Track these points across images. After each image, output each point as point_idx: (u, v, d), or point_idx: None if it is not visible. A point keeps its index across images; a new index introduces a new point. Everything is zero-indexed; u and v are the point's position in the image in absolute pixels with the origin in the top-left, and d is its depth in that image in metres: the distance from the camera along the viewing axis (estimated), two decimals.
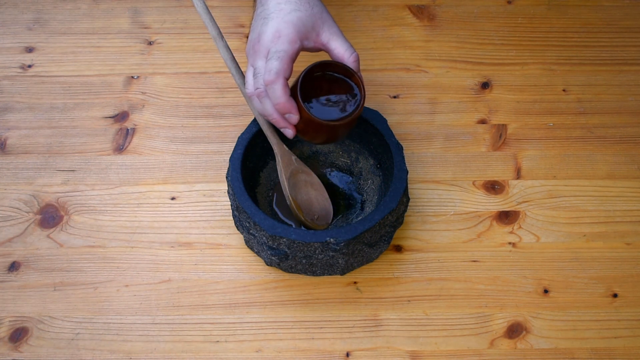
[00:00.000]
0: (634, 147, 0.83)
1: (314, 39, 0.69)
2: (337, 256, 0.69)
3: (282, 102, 0.66)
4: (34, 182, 0.81)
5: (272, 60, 0.66)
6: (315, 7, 0.70)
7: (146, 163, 0.82)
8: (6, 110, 0.86)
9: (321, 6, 0.71)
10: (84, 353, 0.70)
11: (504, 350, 0.70)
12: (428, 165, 0.82)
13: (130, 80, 0.88)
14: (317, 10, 0.70)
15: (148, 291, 0.74)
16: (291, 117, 0.68)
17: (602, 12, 0.94)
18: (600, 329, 0.72)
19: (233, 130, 0.84)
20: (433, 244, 0.76)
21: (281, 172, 0.74)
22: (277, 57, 0.66)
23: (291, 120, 0.68)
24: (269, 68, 0.66)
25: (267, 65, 0.66)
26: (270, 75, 0.66)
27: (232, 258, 0.76)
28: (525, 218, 0.78)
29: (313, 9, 0.69)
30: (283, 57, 0.66)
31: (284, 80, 0.66)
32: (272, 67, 0.66)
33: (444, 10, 0.95)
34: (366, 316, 0.72)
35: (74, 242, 0.77)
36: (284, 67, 0.66)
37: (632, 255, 0.76)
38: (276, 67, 0.66)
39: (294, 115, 0.67)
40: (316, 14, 0.69)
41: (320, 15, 0.70)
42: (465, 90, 0.88)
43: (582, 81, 0.88)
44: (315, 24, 0.69)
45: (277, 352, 0.70)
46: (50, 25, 0.93)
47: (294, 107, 0.67)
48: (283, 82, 0.66)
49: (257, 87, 0.68)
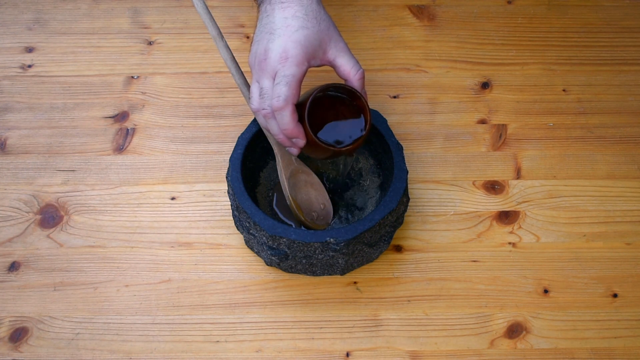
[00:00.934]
0: (634, 147, 0.83)
1: (321, 56, 0.68)
2: (337, 256, 0.69)
3: (291, 128, 0.66)
4: (34, 182, 0.81)
5: (280, 85, 0.65)
6: (323, 22, 0.68)
7: (146, 163, 0.82)
8: (6, 110, 0.86)
9: (328, 21, 0.70)
10: (84, 353, 0.70)
11: (504, 350, 0.70)
12: (428, 165, 0.82)
13: (130, 80, 0.88)
14: (324, 26, 0.68)
15: (148, 291, 0.74)
16: (298, 142, 0.67)
17: (602, 12, 0.94)
18: (600, 329, 0.72)
19: (233, 130, 0.84)
20: (433, 244, 0.76)
21: (281, 172, 0.74)
22: (285, 82, 0.65)
23: (298, 144, 0.68)
24: (278, 94, 0.65)
25: (275, 90, 0.65)
26: (279, 102, 0.65)
27: (232, 258, 0.76)
28: (525, 218, 0.78)
29: (320, 25, 0.68)
30: (291, 82, 0.65)
31: (293, 107, 0.65)
32: (280, 93, 0.65)
33: (444, 10, 0.95)
34: (366, 316, 0.72)
35: (74, 242, 0.77)
36: (293, 92, 0.65)
37: (632, 255, 0.76)
38: (285, 94, 0.64)
39: (301, 140, 0.67)
40: (323, 30, 0.68)
41: (327, 31, 0.69)
42: (465, 90, 0.88)
43: (582, 81, 0.88)
44: (323, 41, 0.68)
45: (277, 352, 0.70)
46: (50, 25, 0.93)
47: (301, 133, 0.66)
48: (292, 108, 0.65)
49: (264, 107, 0.67)
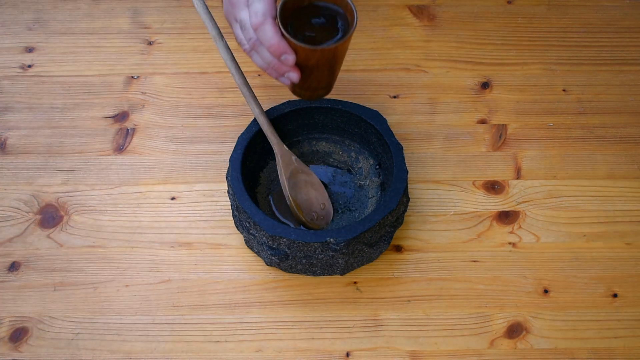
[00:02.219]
0: (634, 147, 0.83)
1: None
2: (337, 256, 0.69)
3: (275, 42, 0.63)
4: (34, 182, 0.81)
5: (254, 3, 0.63)
6: None
7: (146, 163, 0.82)
8: (6, 110, 0.86)
9: None
10: (84, 353, 0.70)
11: (504, 350, 0.70)
12: (428, 165, 0.82)
13: (130, 80, 0.88)
14: None
15: (148, 291, 0.74)
16: (288, 59, 0.64)
17: (602, 12, 0.94)
18: (600, 329, 0.72)
19: (233, 130, 0.84)
20: (433, 244, 0.76)
21: (281, 172, 0.74)
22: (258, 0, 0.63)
23: (288, 61, 0.64)
24: (254, 11, 0.63)
25: (250, 10, 0.63)
26: (257, 18, 0.62)
27: (232, 258, 0.76)
28: (525, 218, 0.78)
29: None
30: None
31: (272, 19, 0.63)
32: (256, 9, 0.63)
33: (444, 10, 0.95)
34: (366, 316, 0.72)
35: (74, 242, 0.77)
36: (269, 6, 0.63)
37: (632, 255, 0.76)
38: (262, 9, 0.62)
39: (290, 56, 0.64)
40: None
41: None
42: (465, 90, 0.88)
43: (582, 81, 0.88)
44: None
45: (277, 352, 0.70)
46: (50, 25, 0.93)
47: (288, 47, 0.63)
48: (271, 21, 0.63)
49: (249, 37, 0.65)
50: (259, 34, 0.64)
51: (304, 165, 0.76)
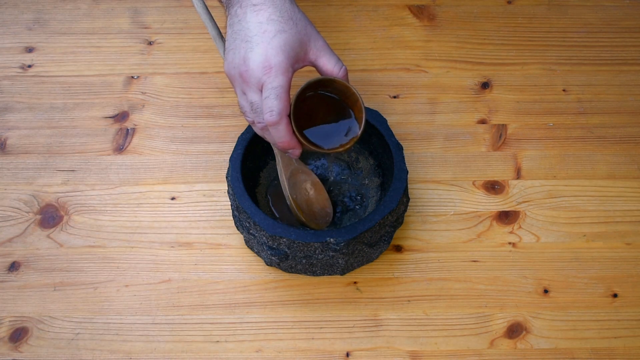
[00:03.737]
0: (634, 147, 0.83)
1: (303, 58, 0.66)
2: (337, 256, 0.69)
3: (287, 140, 0.64)
4: (34, 182, 0.81)
5: (270, 99, 0.62)
6: (299, 22, 0.65)
7: (146, 163, 0.82)
8: (6, 110, 0.86)
9: (305, 20, 0.66)
10: (84, 353, 0.70)
11: (504, 350, 0.70)
12: (428, 165, 0.82)
13: (130, 80, 0.88)
14: (301, 26, 0.65)
15: (148, 291, 0.74)
16: (294, 152, 0.65)
17: (602, 12, 0.94)
18: (600, 329, 0.72)
19: (233, 130, 0.84)
20: (433, 244, 0.76)
21: (281, 172, 0.74)
22: (274, 95, 0.62)
23: (294, 154, 0.66)
24: (270, 108, 0.62)
25: (266, 104, 0.62)
26: (272, 117, 0.62)
27: (232, 258, 0.76)
28: (525, 218, 0.78)
29: (297, 25, 0.64)
30: (280, 94, 0.62)
31: (287, 119, 0.63)
32: (272, 107, 0.62)
33: (444, 10, 0.95)
34: (366, 316, 0.72)
35: (74, 242, 0.77)
36: (284, 105, 0.62)
37: (632, 255, 0.76)
38: (277, 108, 0.62)
39: (297, 150, 0.65)
40: (301, 31, 0.65)
41: (305, 30, 0.65)
42: (465, 90, 0.88)
43: (582, 81, 0.88)
44: (302, 42, 0.65)
45: (277, 352, 0.70)
46: (50, 25, 0.93)
47: (297, 144, 0.64)
48: (286, 121, 0.63)
49: (259, 121, 0.65)
50: (273, 131, 0.63)
51: (304, 165, 0.76)
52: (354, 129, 0.67)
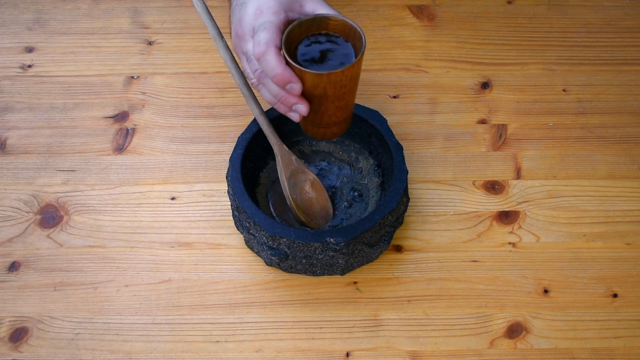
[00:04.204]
0: (634, 147, 0.83)
1: (298, 9, 0.64)
2: (337, 256, 0.69)
3: (279, 71, 0.60)
4: (34, 182, 0.81)
5: (258, 33, 0.61)
6: None
7: (146, 163, 0.82)
8: (6, 110, 0.86)
9: None
10: (84, 353, 0.70)
11: (504, 350, 0.70)
12: (428, 165, 0.82)
13: (130, 80, 0.88)
14: None
15: (148, 291, 0.74)
16: (293, 88, 0.61)
17: (602, 12, 0.94)
18: (600, 329, 0.72)
19: (233, 130, 0.84)
20: (433, 244, 0.76)
21: (281, 172, 0.74)
22: (262, 28, 0.61)
23: (294, 90, 0.61)
24: (257, 41, 0.61)
25: (255, 40, 0.62)
26: (259, 47, 0.60)
27: (232, 258, 0.76)
28: (525, 218, 0.78)
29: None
30: (269, 27, 0.61)
31: (275, 48, 0.60)
32: (259, 39, 0.60)
33: (444, 10, 0.95)
34: (366, 316, 0.72)
35: (74, 242, 0.77)
36: (272, 36, 0.60)
37: (632, 255, 0.76)
38: (264, 38, 0.60)
39: (295, 84, 0.61)
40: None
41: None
42: (465, 90, 0.88)
43: (582, 81, 0.88)
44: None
45: (277, 352, 0.70)
46: (50, 25, 0.93)
47: (293, 75, 0.60)
48: (274, 50, 0.61)
49: (255, 69, 0.64)
50: (263, 64, 0.61)
51: (304, 165, 0.76)
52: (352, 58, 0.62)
